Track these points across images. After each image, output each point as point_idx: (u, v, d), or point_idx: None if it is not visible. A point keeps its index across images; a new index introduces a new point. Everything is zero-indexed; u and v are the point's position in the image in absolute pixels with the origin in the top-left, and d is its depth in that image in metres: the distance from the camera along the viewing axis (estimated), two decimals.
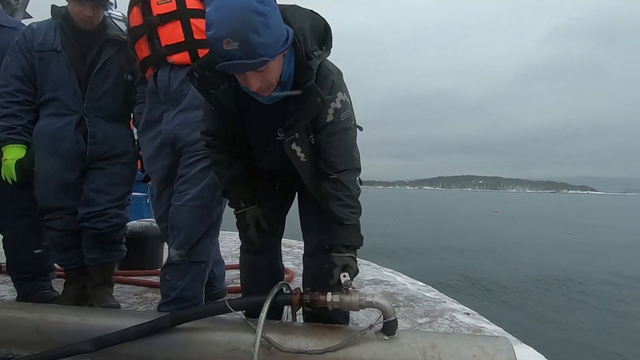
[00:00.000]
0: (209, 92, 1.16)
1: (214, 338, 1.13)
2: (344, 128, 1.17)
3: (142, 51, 1.56)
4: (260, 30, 0.94)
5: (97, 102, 1.74)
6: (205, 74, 1.14)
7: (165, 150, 1.59)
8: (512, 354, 0.99)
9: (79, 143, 1.73)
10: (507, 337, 1.84)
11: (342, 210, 1.17)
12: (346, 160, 1.20)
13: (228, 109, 1.19)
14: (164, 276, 1.52)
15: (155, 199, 1.71)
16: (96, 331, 1.21)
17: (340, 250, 1.16)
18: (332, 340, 1.07)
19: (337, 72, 1.18)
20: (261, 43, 0.94)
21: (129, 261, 2.75)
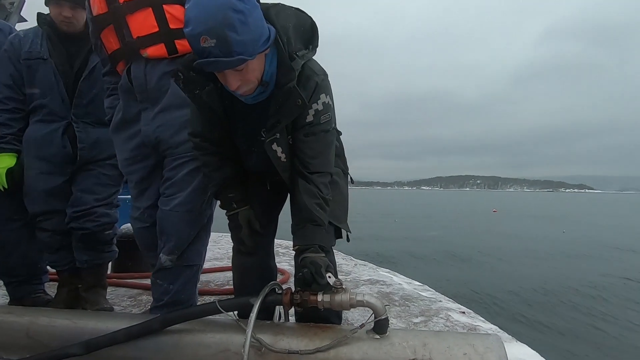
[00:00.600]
0: (194, 93, 1.14)
1: (205, 339, 1.12)
2: (323, 130, 1.17)
3: (110, 43, 1.42)
4: (237, 27, 0.93)
5: (85, 109, 1.75)
6: (190, 75, 1.11)
7: (146, 150, 1.49)
8: (503, 352, 0.99)
9: (66, 148, 1.74)
10: (502, 335, 1.84)
11: (319, 210, 1.17)
12: (321, 162, 1.20)
13: (214, 110, 1.18)
14: (155, 281, 1.48)
15: (133, 199, 1.61)
16: (87, 334, 1.19)
17: (317, 251, 1.15)
18: (323, 340, 1.06)
19: (322, 72, 1.16)
20: (238, 41, 0.94)
21: (123, 264, 2.75)
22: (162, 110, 1.42)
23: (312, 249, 1.15)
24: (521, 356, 1.56)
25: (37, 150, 1.73)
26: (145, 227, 1.56)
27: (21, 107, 1.74)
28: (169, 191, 1.46)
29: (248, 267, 1.39)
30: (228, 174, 1.30)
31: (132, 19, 1.34)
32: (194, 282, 1.54)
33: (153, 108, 1.44)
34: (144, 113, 1.45)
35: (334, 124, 1.22)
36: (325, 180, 1.21)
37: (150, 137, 1.44)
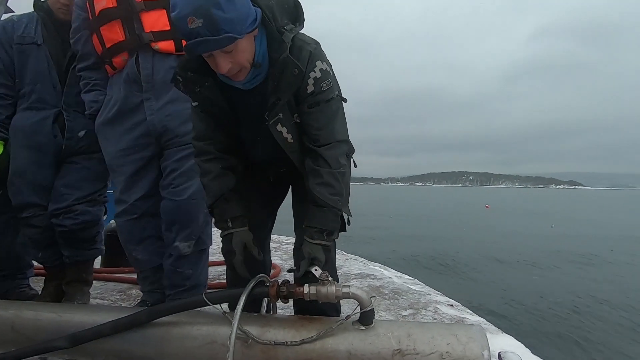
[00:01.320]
0: (195, 92, 1.14)
1: (191, 332, 1.12)
2: (325, 99, 1.12)
3: (115, 34, 1.49)
4: (223, 5, 0.92)
5: (76, 98, 1.69)
6: (188, 75, 1.11)
7: (148, 140, 1.55)
8: (485, 342, 1.01)
9: (56, 137, 1.69)
10: (489, 327, 1.88)
11: (320, 190, 1.11)
12: (329, 133, 1.13)
13: (218, 105, 1.16)
14: (173, 269, 1.57)
15: (120, 192, 1.62)
16: (72, 327, 1.19)
17: (312, 236, 1.12)
18: (310, 332, 1.07)
19: (314, 42, 1.13)
20: (225, 19, 0.93)
21: (113, 258, 2.73)
22: (171, 101, 1.51)
23: (308, 233, 1.13)
24: (506, 347, 1.58)
25: (26, 138, 1.66)
26: (133, 219, 1.60)
27: (10, 94, 1.68)
28: (179, 181, 1.52)
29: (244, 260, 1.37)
30: (227, 186, 1.21)
31: (146, 15, 1.48)
32: (206, 265, 1.70)
33: (158, 99, 1.52)
34: (147, 103, 1.52)
35: (337, 91, 1.16)
36: (336, 151, 1.14)
37: (157, 126, 1.52)
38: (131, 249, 1.66)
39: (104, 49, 1.55)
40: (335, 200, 1.12)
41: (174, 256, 1.57)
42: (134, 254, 1.66)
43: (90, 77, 1.63)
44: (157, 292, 1.71)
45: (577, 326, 4.97)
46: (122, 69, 1.57)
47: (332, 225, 1.13)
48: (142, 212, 1.61)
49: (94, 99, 1.63)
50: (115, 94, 1.59)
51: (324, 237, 1.12)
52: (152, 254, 1.66)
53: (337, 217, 1.14)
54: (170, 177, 1.54)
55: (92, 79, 1.63)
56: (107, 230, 2.81)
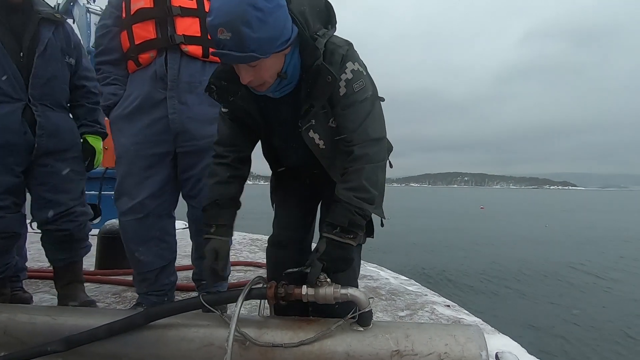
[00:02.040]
0: (229, 101, 1.17)
1: (188, 334, 1.11)
2: (358, 99, 1.10)
3: (147, 32, 1.56)
4: (254, 24, 0.92)
5: (42, 89, 1.57)
6: (222, 84, 1.14)
7: (165, 137, 1.59)
8: (483, 342, 1.01)
9: (26, 134, 1.55)
10: (485, 327, 1.88)
11: (345, 193, 1.08)
12: (362, 132, 1.10)
13: (250, 113, 1.18)
14: None
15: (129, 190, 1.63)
16: (67, 331, 1.17)
17: (322, 229, 1.13)
18: (308, 333, 1.06)
19: (345, 43, 1.11)
20: (253, 38, 0.93)
21: (108, 260, 2.71)
22: (193, 104, 1.58)
23: (321, 227, 1.15)
24: (503, 347, 1.59)
25: None
26: (139, 218, 1.61)
27: None
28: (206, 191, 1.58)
29: (280, 260, 1.36)
30: (227, 193, 1.24)
31: (180, 20, 1.56)
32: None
33: (180, 99, 1.58)
34: (170, 101, 1.58)
35: (372, 91, 1.13)
36: (370, 149, 1.10)
37: (177, 125, 1.58)
38: (134, 250, 1.65)
39: (132, 45, 1.59)
40: (360, 202, 1.07)
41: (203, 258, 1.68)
42: (136, 254, 1.65)
43: (110, 72, 1.65)
44: (153, 295, 1.71)
45: (573, 326, 5.01)
46: (146, 66, 1.60)
47: (341, 220, 1.08)
48: (149, 211, 1.62)
49: (113, 92, 1.64)
50: (136, 89, 1.62)
51: (332, 231, 1.09)
52: (155, 255, 1.67)
53: (348, 213, 1.08)
54: (198, 187, 1.63)
55: (113, 74, 1.65)
56: (101, 232, 2.79)
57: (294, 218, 1.37)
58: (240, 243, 4.13)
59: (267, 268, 1.46)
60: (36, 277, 2.43)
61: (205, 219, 1.25)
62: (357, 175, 1.09)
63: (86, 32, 5.31)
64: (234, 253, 3.53)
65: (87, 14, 5.37)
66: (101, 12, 5.42)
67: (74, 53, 1.71)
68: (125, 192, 1.65)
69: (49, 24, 1.61)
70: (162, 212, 1.66)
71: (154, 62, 1.58)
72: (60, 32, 1.65)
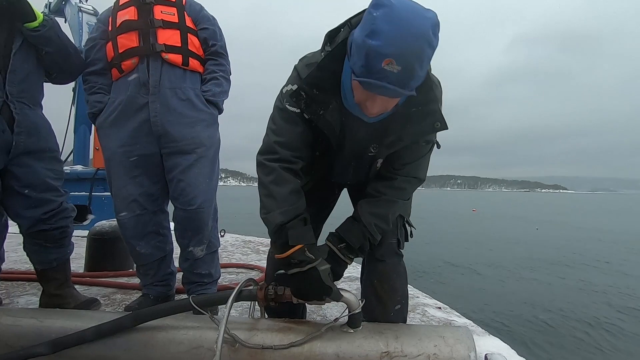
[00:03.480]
0: (318, 114, 1.05)
1: (177, 336, 1.10)
2: (425, 140, 1.11)
3: (131, 41, 1.67)
4: (424, 64, 0.88)
5: (19, 85, 1.55)
6: (314, 93, 1.02)
7: (149, 139, 1.68)
8: (472, 343, 1.02)
9: (4, 132, 1.51)
10: (476, 329, 1.89)
11: (368, 217, 1.12)
12: (414, 168, 1.15)
13: (333, 128, 1.08)
14: (191, 271, 1.79)
15: (121, 188, 1.72)
16: (54, 333, 1.15)
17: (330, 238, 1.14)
18: (298, 335, 1.06)
19: (438, 81, 1.09)
20: (419, 77, 0.89)
21: (98, 262, 2.67)
22: (174, 109, 1.67)
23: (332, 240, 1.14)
24: (493, 349, 1.60)
25: None
26: (136, 215, 1.72)
27: None
28: (188, 191, 1.69)
29: None
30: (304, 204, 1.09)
31: (162, 32, 1.68)
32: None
33: (162, 103, 1.66)
34: (152, 105, 1.66)
35: (435, 138, 1.15)
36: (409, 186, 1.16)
37: (159, 127, 1.66)
38: (134, 244, 1.76)
39: (116, 54, 1.69)
40: (371, 223, 1.12)
41: (190, 260, 1.78)
42: (137, 248, 1.76)
43: (96, 82, 1.74)
44: (158, 285, 1.84)
45: (563, 328, 5.07)
46: (129, 72, 1.69)
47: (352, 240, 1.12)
48: (144, 208, 1.73)
49: (98, 100, 1.72)
50: (120, 95, 1.70)
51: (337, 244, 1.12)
52: (154, 247, 1.79)
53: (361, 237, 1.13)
54: (179, 188, 1.70)
55: (98, 83, 1.74)
56: (91, 233, 2.76)
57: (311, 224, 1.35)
58: (232, 245, 4.11)
59: (266, 269, 1.44)
60: (22, 280, 2.39)
61: (292, 240, 1.03)
62: (388, 206, 1.13)
63: (78, 31, 5.25)
64: (225, 255, 3.51)
65: (79, 13, 5.32)
66: (93, 12, 5.41)
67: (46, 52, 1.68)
68: (119, 192, 1.73)
69: None
70: (156, 207, 1.78)
71: (136, 69, 1.67)
72: None
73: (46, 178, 1.62)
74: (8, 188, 1.57)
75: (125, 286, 2.32)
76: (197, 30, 1.76)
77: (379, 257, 1.25)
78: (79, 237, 3.05)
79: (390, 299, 1.23)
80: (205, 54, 1.79)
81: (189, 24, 1.74)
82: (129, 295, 2.18)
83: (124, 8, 1.70)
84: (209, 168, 1.77)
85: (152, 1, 1.69)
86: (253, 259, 3.37)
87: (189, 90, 1.72)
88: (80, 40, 5.18)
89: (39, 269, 1.74)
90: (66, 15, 5.68)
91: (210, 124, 1.78)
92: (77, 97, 5.29)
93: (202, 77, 1.80)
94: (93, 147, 5.06)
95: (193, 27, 1.75)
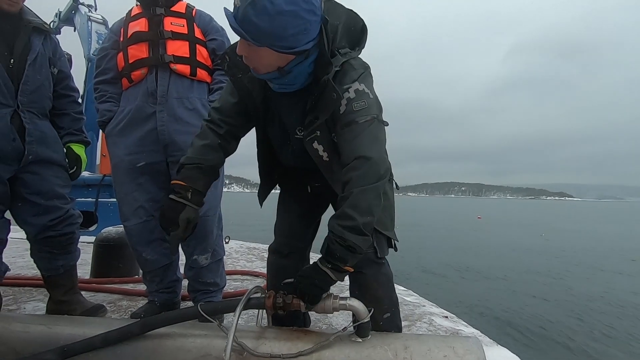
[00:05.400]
0: (236, 77, 1.17)
1: (185, 344, 1.10)
2: (356, 119, 1.05)
3: (141, 52, 1.72)
4: (258, 9, 0.91)
5: (31, 96, 1.59)
6: (236, 58, 1.13)
7: (156, 147, 1.71)
8: (482, 354, 1.01)
9: (15, 140, 1.53)
10: (484, 339, 1.87)
11: (330, 221, 1.04)
12: (355, 149, 1.06)
13: (252, 96, 1.18)
14: (196, 279, 1.80)
15: (128, 194, 1.75)
16: (62, 340, 1.15)
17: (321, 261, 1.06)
18: (306, 344, 1.06)
19: (361, 66, 1.11)
20: (251, 20, 0.93)
21: (104, 268, 2.68)
22: (180, 119, 1.71)
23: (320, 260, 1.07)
24: (501, 359, 1.58)
25: None
26: (142, 222, 1.74)
27: None
28: None
29: (282, 268, 1.37)
30: (214, 160, 1.22)
31: (171, 43, 1.72)
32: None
33: (169, 113, 1.70)
34: (159, 114, 1.70)
35: (374, 114, 1.07)
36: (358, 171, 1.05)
37: (165, 136, 1.70)
38: (141, 251, 1.79)
39: (127, 64, 1.74)
40: (333, 225, 1.02)
41: (195, 269, 1.79)
42: (143, 255, 1.79)
43: (106, 90, 1.79)
44: (164, 292, 1.85)
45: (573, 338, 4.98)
46: (138, 82, 1.74)
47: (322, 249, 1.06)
48: (150, 214, 1.76)
49: (108, 109, 1.77)
50: (129, 104, 1.75)
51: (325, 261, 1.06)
52: (160, 254, 1.81)
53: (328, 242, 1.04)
54: None
55: (108, 92, 1.78)
56: (97, 240, 2.77)
57: (296, 227, 1.37)
58: (237, 252, 4.10)
59: (267, 276, 1.46)
60: (29, 285, 2.41)
61: (181, 177, 1.18)
62: (343, 202, 1.02)
63: (87, 39, 5.35)
64: (230, 262, 3.51)
65: (88, 22, 5.42)
66: (102, 21, 5.50)
67: (58, 63, 1.74)
68: (126, 199, 1.76)
69: (40, 33, 1.65)
70: None
71: (145, 79, 1.72)
72: (48, 42, 1.70)
73: (54, 186, 1.66)
74: (17, 195, 1.60)
75: (131, 293, 2.33)
76: (206, 41, 1.81)
77: (357, 269, 1.15)
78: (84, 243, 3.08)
79: (376, 309, 1.13)
80: (213, 64, 1.83)
81: (197, 35, 1.79)
82: (134, 302, 2.19)
83: (135, 19, 1.76)
84: None
85: (162, 13, 1.74)
86: (258, 266, 3.37)
87: (196, 100, 1.75)
88: (89, 49, 5.27)
89: (46, 276, 1.75)
90: (76, 24, 5.79)
91: None
92: (85, 104, 5.37)
93: (210, 86, 1.83)
94: (100, 154, 5.11)
95: (202, 38, 1.80)
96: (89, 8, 5.72)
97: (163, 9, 1.74)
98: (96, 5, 5.88)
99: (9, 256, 1.76)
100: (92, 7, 5.79)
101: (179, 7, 1.80)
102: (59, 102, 1.77)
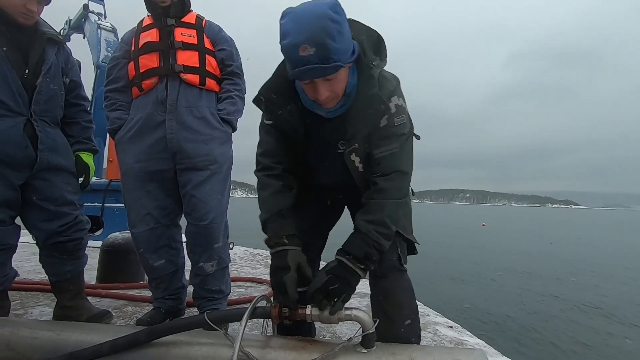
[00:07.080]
0: (276, 114, 1.19)
1: (191, 352, 1.11)
2: (396, 133, 1.14)
3: (152, 62, 1.75)
4: (335, 36, 0.96)
5: (44, 105, 1.63)
6: (272, 97, 1.17)
7: (165, 155, 1.73)
8: None
9: (27, 148, 1.57)
10: (489, 350, 1.86)
11: (365, 225, 1.12)
12: (392, 163, 1.15)
13: (295, 128, 1.20)
14: (201, 286, 1.82)
15: (136, 200, 1.77)
16: (70, 346, 1.17)
17: (338, 253, 1.15)
18: (311, 354, 1.06)
19: (394, 79, 1.18)
20: (336, 49, 0.97)
21: (110, 274, 2.70)
22: (189, 128, 1.73)
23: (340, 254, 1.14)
24: None
25: None
26: (150, 229, 1.76)
27: None
28: (200, 207, 1.73)
29: None
30: (286, 203, 1.22)
31: (181, 53, 1.76)
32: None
33: (178, 121, 1.72)
34: (169, 122, 1.72)
35: (409, 129, 1.19)
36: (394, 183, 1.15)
37: (174, 144, 1.71)
38: (148, 257, 1.79)
39: (137, 73, 1.76)
40: (370, 229, 1.12)
41: (201, 276, 1.80)
42: (150, 262, 1.80)
43: (117, 99, 1.81)
44: (169, 299, 1.87)
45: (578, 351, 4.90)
46: (149, 91, 1.76)
47: (356, 251, 1.11)
48: (158, 221, 1.77)
49: (119, 117, 1.79)
50: (139, 112, 1.77)
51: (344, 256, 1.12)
52: (166, 261, 1.82)
53: (365, 246, 1.11)
54: (192, 203, 1.73)
55: (119, 100, 1.81)
56: (104, 245, 2.80)
57: (308, 241, 1.34)
58: (241, 258, 4.11)
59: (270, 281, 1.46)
60: (35, 290, 2.43)
61: (271, 231, 1.19)
62: (379, 209, 1.13)
63: (96, 47, 5.44)
64: (234, 268, 3.51)
65: (97, 30, 5.52)
66: (111, 29, 5.60)
67: (70, 73, 1.79)
68: (134, 205, 1.78)
69: (54, 44, 1.70)
70: (169, 222, 1.82)
71: (155, 88, 1.74)
72: (61, 53, 1.74)
73: (64, 192, 1.69)
74: (27, 201, 1.64)
75: (136, 299, 2.34)
76: (215, 51, 1.84)
77: (381, 275, 1.26)
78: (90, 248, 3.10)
79: (397, 314, 1.23)
80: (221, 74, 1.86)
81: (207, 45, 1.82)
82: (140, 308, 2.20)
83: (147, 30, 1.79)
84: (221, 184, 1.81)
85: (173, 24, 1.77)
86: (262, 273, 3.37)
87: (205, 109, 1.78)
88: (98, 56, 5.35)
89: (53, 281, 1.78)
90: (85, 32, 5.90)
91: (224, 142, 1.82)
92: (93, 111, 5.45)
93: (218, 95, 1.86)
94: (107, 159, 5.17)
95: (211, 48, 1.83)
96: (99, 16, 5.83)
97: (174, 19, 1.78)
98: (106, 14, 5.99)
99: (15, 260, 1.78)
100: (101, 15, 5.91)
101: (190, 18, 1.83)
102: (70, 111, 1.82)
